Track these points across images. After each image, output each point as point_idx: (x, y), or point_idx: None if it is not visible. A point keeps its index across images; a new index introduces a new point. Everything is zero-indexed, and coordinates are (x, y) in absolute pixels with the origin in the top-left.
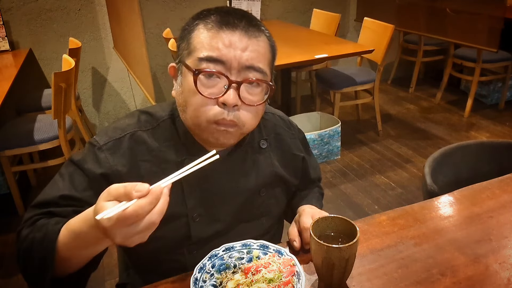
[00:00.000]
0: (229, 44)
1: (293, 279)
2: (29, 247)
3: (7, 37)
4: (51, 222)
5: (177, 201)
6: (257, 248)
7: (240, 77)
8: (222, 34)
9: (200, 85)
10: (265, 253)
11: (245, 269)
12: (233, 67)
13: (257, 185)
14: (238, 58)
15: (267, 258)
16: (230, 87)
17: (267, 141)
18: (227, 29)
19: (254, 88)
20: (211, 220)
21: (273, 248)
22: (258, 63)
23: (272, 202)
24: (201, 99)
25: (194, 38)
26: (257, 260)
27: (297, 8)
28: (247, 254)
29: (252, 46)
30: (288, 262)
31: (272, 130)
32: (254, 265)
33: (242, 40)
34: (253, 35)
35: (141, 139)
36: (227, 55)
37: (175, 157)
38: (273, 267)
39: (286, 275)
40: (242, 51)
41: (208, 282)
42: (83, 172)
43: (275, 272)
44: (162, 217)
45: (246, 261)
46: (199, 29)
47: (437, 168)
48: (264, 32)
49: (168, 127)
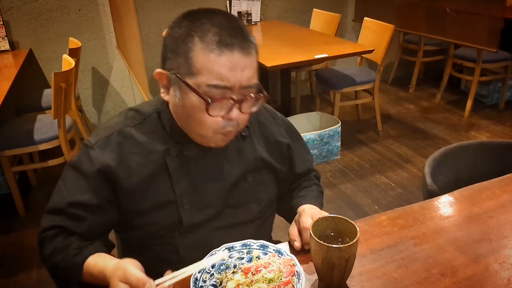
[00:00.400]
0: (232, 68)
1: (293, 279)
2: (54, 271)
3: (7, 37)
4: (70, 252)
5: (165, 189)
6: (257, 248)
7: (240, 94)
8: (224, 57)
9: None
10: (265, 253)
11: (245, 269)
12: (235, 88)
13: (242, 170)
14: (240, 80)
15: (267, 258)
16: (234, 106)
17: (250, 129)
18: (227, 50)
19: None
20: (201, 206)
21: (273, 248)
22: (254, 79)
23: (260, 188)
24: (209, 117)
25: (196, 60)
26: (257, 260)
27: (297, 8)
28: (247, 254)
29: (248, 65)
30: (288, 262)
31: (255, 119)
32: (254, 265)
33: (241, 60)
34: (247, 51)
35: (129, 134)
36: (231, 80)
37: (161, 146)
38: (273, 267)
39: (286, 275)
40: (241, 72)
41: (208, 282)
42: (81, 173)
43: (275, 272)
44: None
45: (246, 261)
46: (198, 49)
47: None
48: (253, 42)
49: (154, 121)
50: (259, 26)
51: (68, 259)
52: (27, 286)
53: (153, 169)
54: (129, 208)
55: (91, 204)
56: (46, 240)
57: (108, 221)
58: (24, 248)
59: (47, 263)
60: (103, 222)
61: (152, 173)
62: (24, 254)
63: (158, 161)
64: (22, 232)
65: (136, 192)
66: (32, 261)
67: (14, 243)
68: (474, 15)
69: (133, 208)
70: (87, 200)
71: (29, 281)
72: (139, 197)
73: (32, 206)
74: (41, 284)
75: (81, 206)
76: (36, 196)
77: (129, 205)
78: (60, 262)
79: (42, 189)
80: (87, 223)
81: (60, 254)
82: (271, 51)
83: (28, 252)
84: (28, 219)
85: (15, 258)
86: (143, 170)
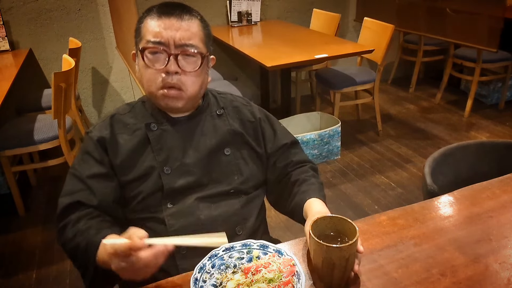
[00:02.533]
0: (166, 27)
1: (293, 279)
2: (74, 252)
3: (7, 37)
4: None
5: (149, 159)
6: (257, 248)
7: (177, 51)
8: (160, 21)
9: (147, 60)
10: (265, 253)
11: (245, 269)
12: (170, 44)
13: (217, 142)
14: (173, 37)
15: (267, 258)
16: (170, 59)
17: (224, 110)
18: (165, 16)
19: (190, 58)
20: (181, 172)
21: (273, 248)
22: (189, 40)
23: (240, 162)
24: (150, 71)
25: (143, 28)
26: (257, 260)
27: (297, 8)
28: (247, 254)
29: (183, 27)
30: (288, 262)
31: (229, 103)
32: (254, 265)
33: (176, 23)
34: (185, 18)
35: (119, 119)
36: (165, 36)
37: (144, 123)
38: (273, 267)
39: (286, 275)
40: (176, 31)
41: (208, 282)
42: (86, 153)
43: (275, 272)
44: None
45: (246, 261)
46: (146, 21)
47: (437, 168)
48: (196, 16)
49: (140, 107)
50: (259, 26)
51: (89, 238)
52: (27, 286)
53: (137, 142)
54: (120, 181)
55: (100, 173)
56: (69, 224)
57: (115, 189)
58: (24, 248)
59: (68, 245)
60: (111, 190)
61: (137, 146)
62: (24, 254)
63: (141, 136)
64: (22, 232)
65: (124, 164)
66: (32, 261)
67: (14, 243)
68: (474, 15)
69: (123, 179)
70: (97, 171)
71: (29, 281)
72: (127, 168)
73: (32, 206)
74: (41, 284)
75: (92, 177)
76: (36, 196)
77: (119, 177)
78: (81, 242)
79: (42, 189)
80: (100, 193)
81: (82, 235)
82: (271, 51)
83: (28, 252)
84: (28, 219)
85: (15, 258)
86: (129, 144)
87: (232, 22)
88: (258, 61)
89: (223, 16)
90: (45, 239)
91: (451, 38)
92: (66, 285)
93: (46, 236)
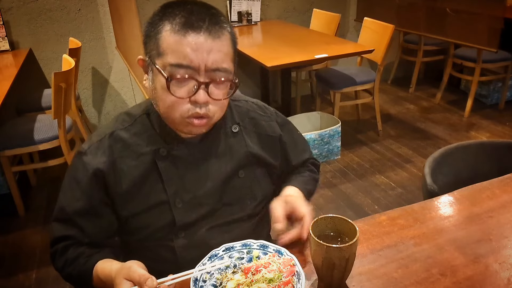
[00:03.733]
0: (196, 49)
1: (293, 279)
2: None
3: (7, 37)
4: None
5: (157, 190)
6: (257, 248)
7: (207, 77)
8: (188, 38)
9: (172, 87)
10: (265, 253)
11: (245, 269)
12: (200, 70)
13: (233, 167)
14: (205, 62)
15: (267, 258)
16: (199, 88)
17: (240, 125)
18: (192, 31)
19: (220, 85)
20: (193, 205)
21: (273, 248)
22: (222, 63)
23: (254, 184)
24: (174, 98)
25: (163, 41)
26: (257, 260)
27: (297, 8)
28: (247, 254)
29: (216, 48)
30: (288, 262)
31: (245, 115)
32: (254, 265)
33: (207, 42)
34: (216, 35)
35: (119, 137)
36: (195, 60)
37: (151, 147)
38: (273, 267)
39: (286, 275)
40: (207, 54)
41: (208, 282)
42: (75, 181)
43: (275, 272)
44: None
45: (246, 261)
46: (166, 31)
47: (437, 168)
48: (226, 28)
49: (144, 122)
50: (259, 26)
51: (80, 268)
52: (27, 286)
53: (143, 170)
54: (123, 212)
55: (87, 209)
56: (57, 253)
57: (109, 225)
58: (24, 248)
59: (61, 273)
60: (105, 227)
61: (143, 175)
62: (24, 254)
63: (148, 162)
64: (22, 232)
65: (129, 195)
66: (32, 261)
67: (14, 243)
68: (474, 15)
69: (127, 211)
70: (80, 207)
71: (29, 281)
72: (132, 199)
73: (32, 206)
74: (41, 284)
75: (78, 214)
76: (36, 196)
77: (123, 208)
78: (72, 272)
79: (42, 189)
80: (90, 230)
81: (72, 265)
82: (271, 51)
83: (28, 252)
84: (28, 219)
85: (15, 258)
86: (134, 172)
87: (232, 22)
88: (258, 61)
89: None
90: (45, 239)
91: (451, 38)
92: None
93: (46, 236)
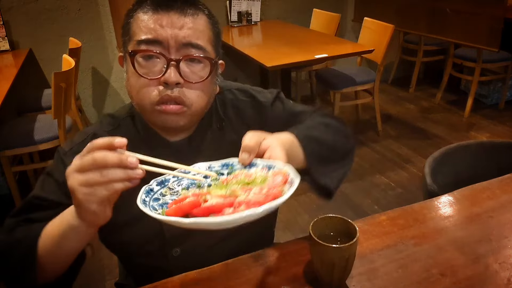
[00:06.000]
0: (165, 24)
1: (286, 185)
2: (7, 248)
3: (7, 37)
4: (31, 226)
5: None
6: (241, 167)
7: (179, 55)
8: (158, 15)
9: (139, 67)
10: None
11: (223, 181)
12: (171, 46)
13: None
14: (175, 36)
15: (253, 171)
16: (169, 66)
17: (225, 119)
18: (162, 10)
19: (195, 65)
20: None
21: (262, 163)
22: (197, 39)
23: None
24: (142, 81)
25: (133, 24)
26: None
27: (297, 8)
28: (228, 175)
29: (189, 24)
30: (279, 172)
31: (230, 107)
32: (239, 174)
33: (178, 19)
34: (189, 13)
35: None
36: (163, 34)
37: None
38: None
39: (275, 181)
40: (178, 29)
41: (168, 197)
42: (53, 179)
43: (260, 177)
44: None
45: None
46: (137, 15)
47: (437, 168)
48: (202, 10)
49: (128, 125)
50: (259, 26)
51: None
52: None
53: None
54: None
55: (56, 201)
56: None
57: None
58: None
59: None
60: None
61: None
62: None
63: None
64: None
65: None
66: None
67: None
68: (474, 15)
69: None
70: (51, 198)
71: None
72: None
73: None
74: None
75: (44, 201)
76: None
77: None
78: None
79: None
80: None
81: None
82: (271, 51)
83: None
84: None
85: None
86: None
87: (232, 22)
88: (258, 61)
89: (223, 16)
90: None
91: (451, 38)
92: None
93: None
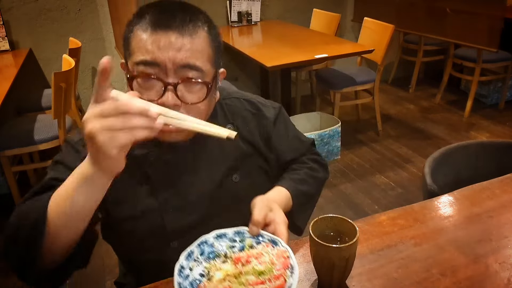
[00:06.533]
0: (163, 46)
1: (286, 272)
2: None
3: (7, 37)
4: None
5: (147, 195)
6: (251, 236)
7: (177, 77)
8: (156, 35)
9: (138, 87)
10: (258, 242)
11: (235, 259)
12: (168, 68)
13: (226, 170)
14: (173, 59)
15: (260, 248)
16: (166, 89)
17: (234, 125)
18: (161, 30)
19: (193, 86)
20: (184, 212)
21: (267, 237)
22: (195, 61)
23: (250, 188)
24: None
25: (132, 40)
26: (249, 250)
27: (297, 8)
28: (239, 243)
29: (187, 46)
30: (282, 254)
31: (238, 114)
32: (246, 255)
33: (177, 39)
34: (187, 33)
35: None
36: (161, 57)
37: (140, 151)
38: (265, 258)
39: (278, 268)
40: (176, 51)
41: (195, 270)
42: (64, 165)
43: (267, 264)
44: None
45: (238, 249)
46: (136, 31)
47: (437, 168)
48: (202, 27)
49: None
50: (259, 26)
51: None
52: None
53: (132, 175)
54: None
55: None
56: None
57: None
58: None
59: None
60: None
61: (132, 180)
62: None
63: (137, 167)
64: None
65: (116, 198)
66: None
67: None
68: (474, 15)
69: (113, 217)
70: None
71: None
72: (119, 204)
73: None
74: None
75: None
76: None
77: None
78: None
79: None
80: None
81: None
82: (271, 51)
83: None
84: None
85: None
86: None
87: (232, 22)
88: (258, 61)
89: (223, 16)
90: None
91: (451, 38)
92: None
93: None
